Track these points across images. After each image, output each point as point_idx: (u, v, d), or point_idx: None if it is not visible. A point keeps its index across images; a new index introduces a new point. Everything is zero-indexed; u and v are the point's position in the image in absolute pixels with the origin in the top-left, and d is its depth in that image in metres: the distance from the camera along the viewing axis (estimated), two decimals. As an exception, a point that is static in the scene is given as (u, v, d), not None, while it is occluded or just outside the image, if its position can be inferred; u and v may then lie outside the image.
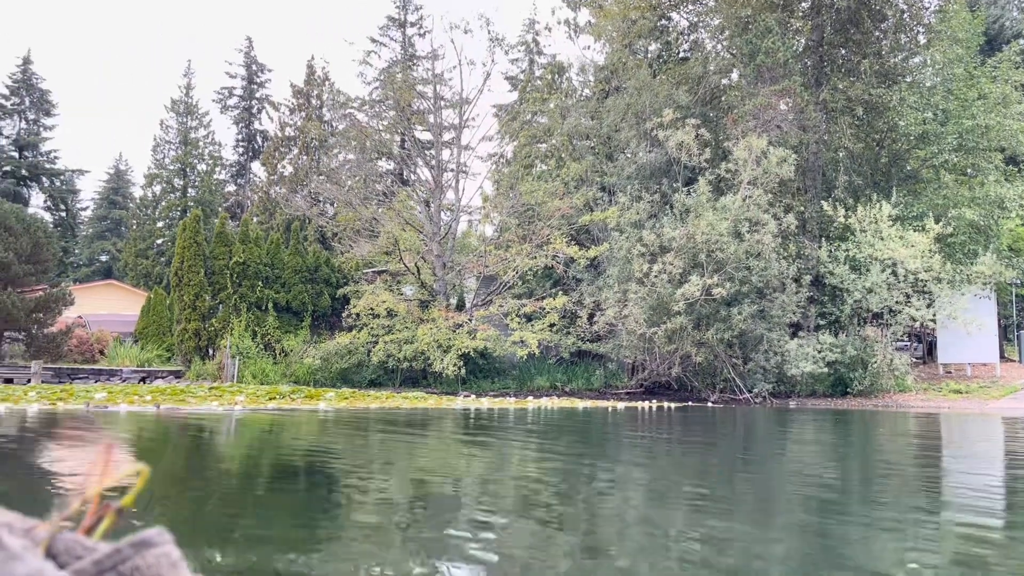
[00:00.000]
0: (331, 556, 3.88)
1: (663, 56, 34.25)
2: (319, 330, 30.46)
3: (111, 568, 0.78)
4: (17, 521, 0.80)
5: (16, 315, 27.99)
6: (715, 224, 25.48)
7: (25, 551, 0.74)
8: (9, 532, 0.77)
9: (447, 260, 29.95)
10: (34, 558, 0.74)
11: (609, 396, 26.58)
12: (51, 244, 30.24)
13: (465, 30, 30.24)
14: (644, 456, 10.03)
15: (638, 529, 5.03)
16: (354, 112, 39.37)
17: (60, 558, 0.79)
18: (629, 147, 29.41)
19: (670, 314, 25.13)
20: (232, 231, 31.10)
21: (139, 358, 31.31)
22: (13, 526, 0.79)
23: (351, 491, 6.42)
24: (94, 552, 0.80)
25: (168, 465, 7.75)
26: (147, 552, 0.79)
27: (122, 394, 16.53)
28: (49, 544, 0.80)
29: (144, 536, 0.81)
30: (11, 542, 0.73)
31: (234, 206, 58.45)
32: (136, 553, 0.79)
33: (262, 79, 63.57)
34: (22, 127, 64.98)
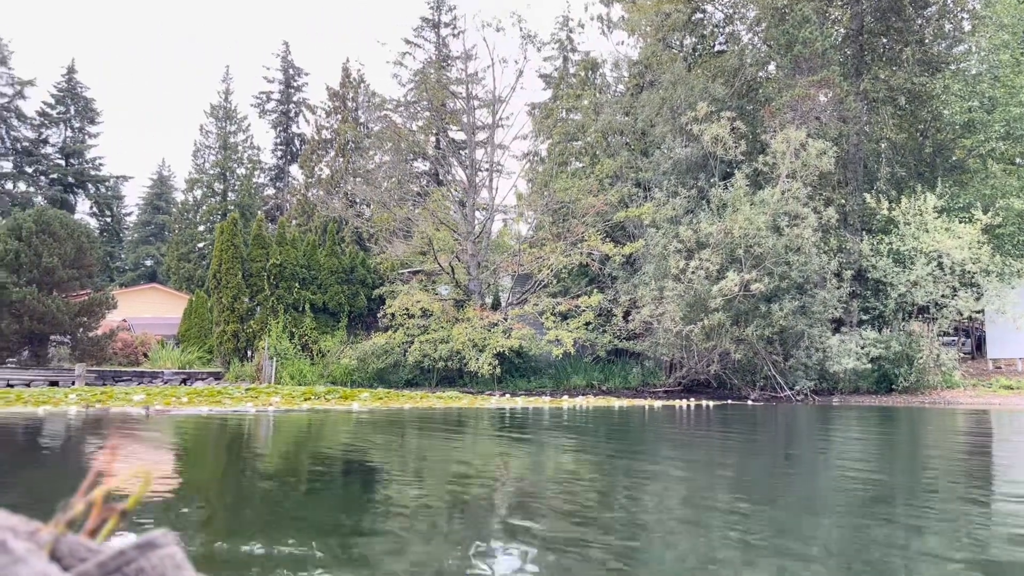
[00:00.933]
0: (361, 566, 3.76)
1: (698, 49, 33.80)
2: (355, 331, 30.59)
3: (115, 570, 0.78)
4: (21, 524, 0.80)
5: (61, 319, 28.57)
6: (753, 219, 25.02)
7: (29, 554, 0.73)
8: (13, 535, 0.76)
9: (482, 259, 29.88)
10: (39, 561, 0.74)
11: (646, 395, 26.25)
12: (94, 249, 30.81)
13: (497, 28, 30.12)
14: (682, 456, 9.80)
15: (679, 537, 4.84)
16: (389, 113, 39.56)
17: (64, 561, 0.79)
18: (664, 142, 29.03)
19: (707, 311, 24.73)
20: (269, 233, 31.38)
21: (180, 360, 31.77)
22: (17, 529, 0.79)
23: (375, 493, 6.32)
24: (98, 554, 0.80)
25: (187, 467, 7.73)
26: (152, 554, 0.79)
27: (159, 396, 16.71)
28: (53, 547, 0.80)
29: (148, 538, 0.80)
30: (15, 545, 0.73)
31: (273, 209, 59.10)
32: (141, 555, 0.79)
33: (299, 83, 64.18)
34: (68, 135, 66.49)
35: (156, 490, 5.62)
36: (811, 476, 7.99)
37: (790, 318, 25.28)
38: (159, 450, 8.72)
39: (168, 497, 5.52)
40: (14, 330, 27.91)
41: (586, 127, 32.34)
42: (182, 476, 6.92)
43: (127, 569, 0.78)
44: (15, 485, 6.31)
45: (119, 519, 0.87)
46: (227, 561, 3.71)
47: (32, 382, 26.06)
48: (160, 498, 5.35)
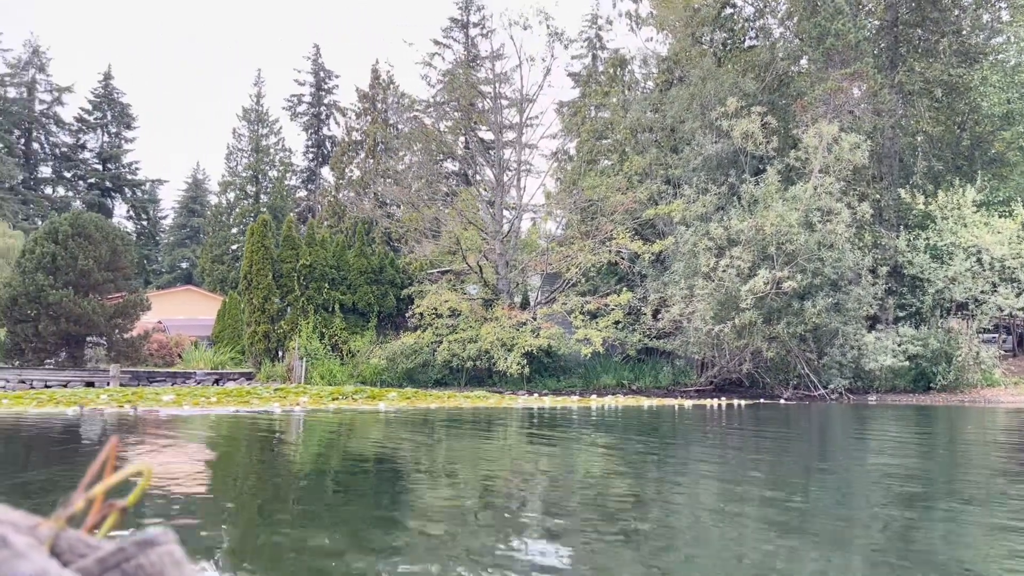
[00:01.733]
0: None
1: (727, 45, 33.39)
2: (385, 330, 30.67)
3: (115, 566, 0.78)
4: (21, 519, 0.80)
5: (97, 320, 28.98)
6: (785, 215, 24.62)
7: (30, 549, 0.74)
8: (14, 530, 0.76)
9: (510, 258, 29.78)
10: (39, 556, 0.74)
11: (677, 394, 25.96)
12: (128, 251, 31.21)
13: (524, 26, 29.97)
14: (712, 456, 9.61)
15: (712, 536, 4.69)
16: (419, 114, 39.65)
17: (64, 556, 0.79)
18: (694, 138, 28.70)
19: (739, 309, 24.39)
20: (299, 234, 31.59)
21: (213, 361, 32.09)
22: (18, 524, 0.79)
23: (387, 494, 6.24)
24: (98, 550, 0.80)
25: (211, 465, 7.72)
26: (151, 550, 0.79)
27: (189, 396, 16.85)
28: (53, 542, 0.80)
29: (148, 534, 0.80)
30: (16, 540, 0.73)
31: (305, 211, 59.57)
32: (140, 551, 0.78)
33: (330, 85, 64.62)
34: (105, 140, 67.69)
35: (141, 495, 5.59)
36: (847, 477, 7.76)
37: (823, 315, 24.84)
38: (155, 453, 8.74)
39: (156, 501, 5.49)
40: (51, 332, 28.36)
41: (615, 124, 32.09)
42: (177, 476, 6.90)
43: (126, 565, 0.78)
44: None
45: (119, 515, 0.86)
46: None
47: (69, 383, 26.47)
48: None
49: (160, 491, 5.61)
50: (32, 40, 65.20)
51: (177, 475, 6.61)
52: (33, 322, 28.26)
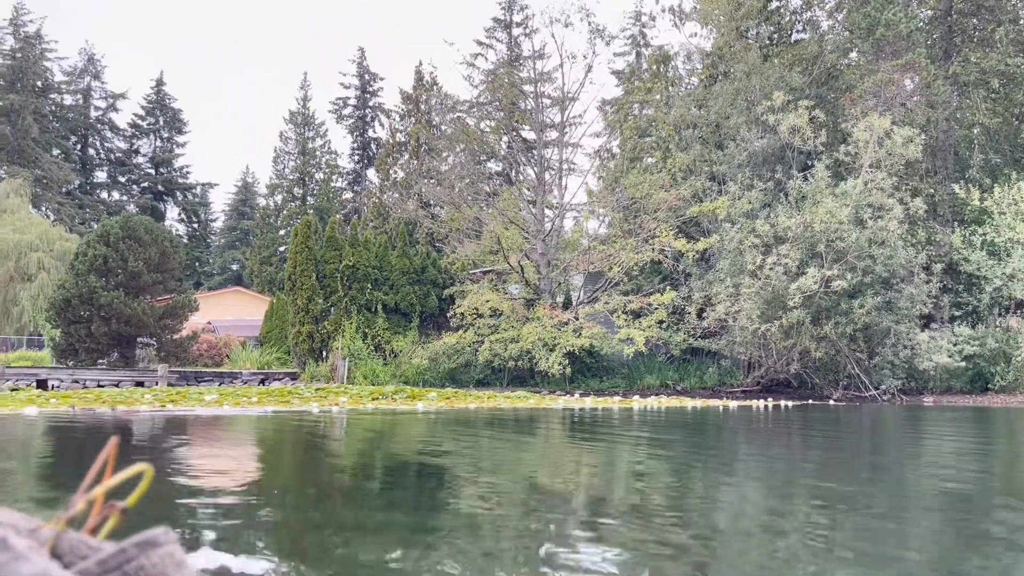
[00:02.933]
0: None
1: (773, 39, 32.73)
2: (427, 330, 30.71)
3: (116, 568, 0.77)
4: (22, 522, 0.81)
5: (146, 321, 29.54)
6: (834, 211, 24.00)
7: (31, 551, 0.74)
8: (15, 533, 0.76)
9: (552, 258, 29.58)
10: (40, 558, 0.74)
11: (723, 395, 25.47)
12: (177, 253, 31.77)
13: (565, 24, 29.74)
14: (754, 459, 9.30)
15: (757, 542, 4.46)
16: (462, 115, 39.70)
17: (65, 558, 0.80)
18: (739, 134, 28.15)
19: (786, 308, 23.83)
20: (342, 235, 31.81)
21: (259, 361, 32.50)
22: (19, 527, 0.80)
23: (400, 497, 6.11)
24: (99, 552, 0.80)
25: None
26: (152, 552, 0.79)
27: (231, 396, 17.00)
28: (54, 544, 0.80)
29: (149, 536, 0.80)
30: (17, 543, 0.73)
31: (351, 212, 60.14)
32: (141, 553, 0.78)
33: (375, 88, 65.21)
34: (157, 145, 69.33)
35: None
36: (901, 484, 7.41)
37: (874, 314, 24.15)
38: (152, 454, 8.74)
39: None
40: (103, 332, 28.99)
41: (658, 121, 31.67)
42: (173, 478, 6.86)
43: (128, 567, 0.77)
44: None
45: (120, 517, 0.86)
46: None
47: (120, 383, 27.03)
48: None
49: (168, 492, 5.55)
50: (87, 48, 67.11)
51: (190, 475, 6.57)
52: (86, 323, 28.91)
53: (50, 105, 62.36)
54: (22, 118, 56.71)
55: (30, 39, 59.95)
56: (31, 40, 59.95)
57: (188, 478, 6.48)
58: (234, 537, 4.19)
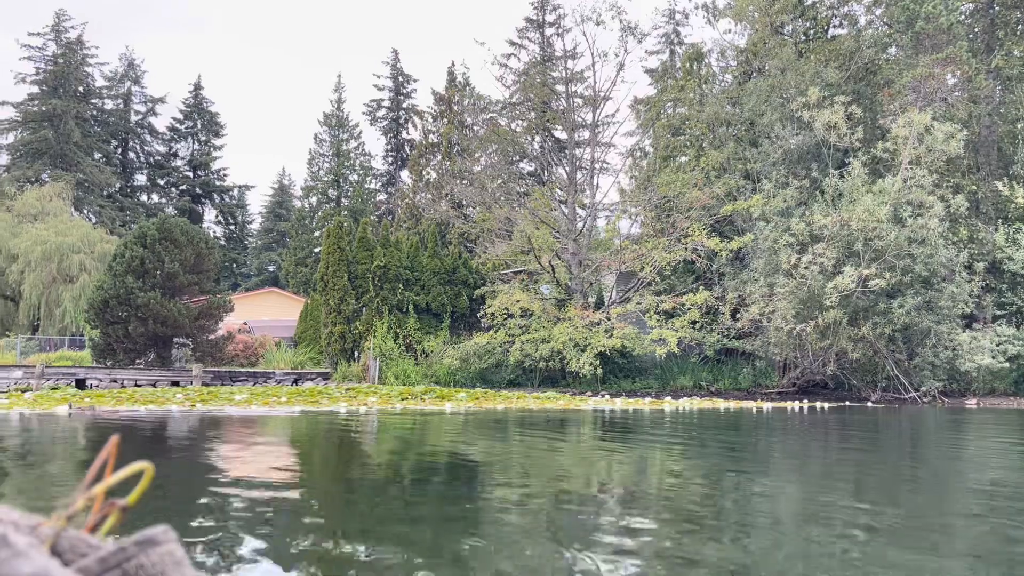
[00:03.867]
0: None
1: (809, 34, 32.14)
2: (458, 331, 30.68)
3: (116, 566, 0.78)
4: (22, 519, 0.81)
5: (182, 322, 29.89)
6: (872, 209, 23.48)
7: (30, 549, 0.74)
8: (15, 530, 0.76)
9: (583, 258, 29.36)
10: (39, 556, 0.74)
11: (758, 396, 25.06)
12: (212, 254, 32.10)
13: (597, 21, 29.50)
14: (786, 462, 9.05)
15: (790, 549, 4.30)
16: (495, 116, 39.62)
17: (65, 556, 0.80)
18: (773, 131, 27.69)
19: (822, 308, 23.37)
20: (374, 236, 31.92)
21: (292, 361, 32.73)
22: (19, 524, 0.80)
23: (407, 506, 6.00)
24: (99, 550, 0.80)
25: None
26: (151, 550, 0.79)
27: (261, 396, 17.09)
28: (54, 542, 0.80)
29: (148, 534, 0.80)
30: (16, 540, 0.73)
31: (385, 214, 60.41)
32: (140, 551, 0.79)
33: (408, 89, 65.42)
34: (195, 148, 70.28)
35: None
36: (942, 492, 7.14)
37: (914, 314, 23.58)
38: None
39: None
40: (140, 333, 29.39)
41: (691, 119, 31.28)
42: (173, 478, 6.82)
43: (127, 565, 0.77)
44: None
45: (120, 515, 0.85)
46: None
47: (157, 382, 27.40)
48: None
49: (178, 494, 5.51)
50: (127, 53, 68.25)
51: (198, 477, 6.54)
52: (123, 323, 29.33)
53: (91, 110, 63.52)
54: (64, 123, 57.85)
55: (71, 45, 61.15)
56: (72, 46, 61.14)
57: (188, 478, 6.45)
58: (220, 543, 4.11)
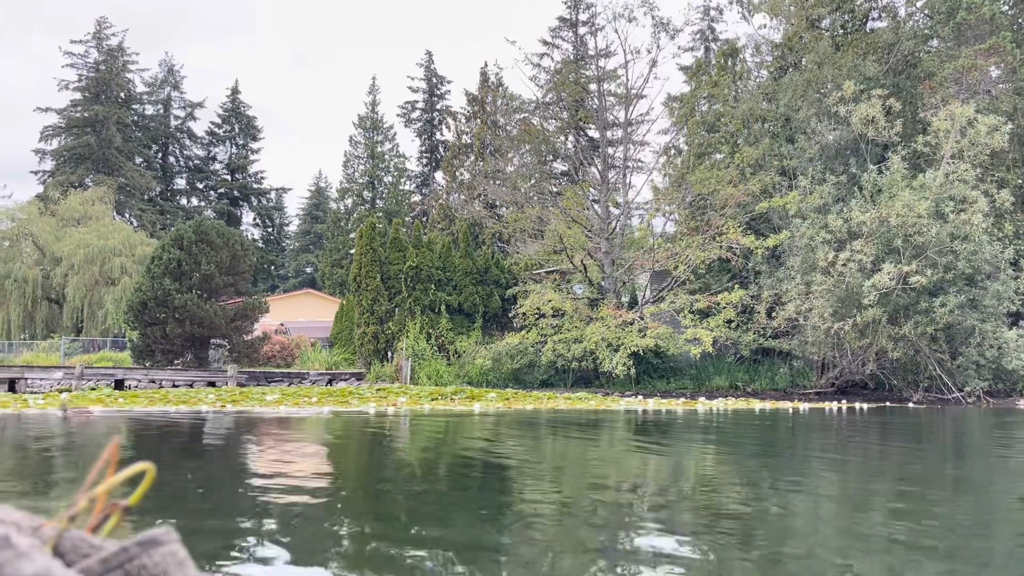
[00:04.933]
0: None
1: (847, 27, 31.47)
2: (490, 331, 30.60)
3: (118, 566, 0.78)
4: (25, 520, 0.81)
5: (218, 323, 30.22)
6: (912, 205, 22.89)
7: (33, 549, 0.74)
8: (17, 531, 0.77)
9: (616, 256, 29.08)
10: (42, 556, 0.75)
11: (795, 396, 24.57)
12: (247, 256, 32.43)
13: (629, 18, 29.21)
14: (824, 469, 8.77)
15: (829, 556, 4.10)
16: (528, 116, 39.48)
17: (67, 556, 0.80)
18: (810, 126, 27.14)
19: (860, 306, 22.84)
20: (406, 237, 31.96)
21: (327, 361, 32.93)
22: (21, 525, 0.80)
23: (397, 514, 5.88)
24: (101, 550, 0.80)
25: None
26: (154, 551, 0.79)
27: (292, 396, 17.16)
28: (56, 542, 0.80)
29: (151, 535, 0.80)
30: (19, 541, 0.73)
31: (420, 215, 60.62)
32: (143, 551, 0.79)
33: (442, 91, 65.57)
34: (233, 152, 71.21)
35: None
36: (987, 495, 6.84)
37: (957, 313, 22.94)
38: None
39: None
40: (178, 334, 29.78)
41: (725, 116, 30.82)
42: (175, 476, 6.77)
43: (129, 566, 0.78)
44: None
45: (122, 515, 0.85)
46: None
47: (194, 383, 27.73)
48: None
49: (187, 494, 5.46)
50: (167, 59, 69.42)
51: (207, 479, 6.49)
52: (161, 325, 29.74)
53: (132, 115, 64.69)
54: (106, 128, 58.99)
55: (113, 52, 62.34)
56: (113, 53, 62.33)
57: (187, 478, 6.40)
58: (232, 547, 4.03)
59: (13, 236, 47.51)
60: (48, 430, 10.56)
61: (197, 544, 3.75)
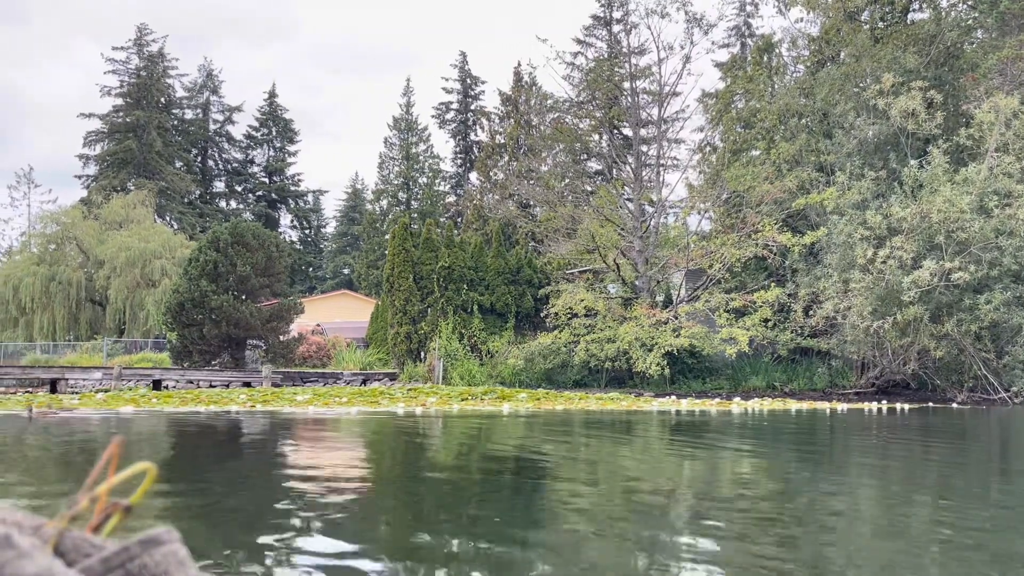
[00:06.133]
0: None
1: (886, 18, 30.76)
2: (523, 331, 30.47)
3: (119, 566, 0.78)
4: (25, 520, 0.81)
5: (254, 324, 30.49)
6: (954, 199, 22.28)
7: (34, 549, 0.74)
8: (18, 531, 0.76)
9: (650, 255, 28.76)
10: (43, 556, 0.75)
11: (834, 397, 24.05)
12: (282, 257, 32.68)
13: (662, 14, 28.89)
14: (858, 468, 8.49)
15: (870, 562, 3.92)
16: (562, 115, 39.31)
17: (68, 556, 0.80)
18: (847, 120, 26.56)
19: (901, 304, 22.28)
20: (438, 237, 31.97)
21: (361, 362, 33.07)
22: (22, 525, 0.80)
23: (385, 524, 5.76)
24: (102, 550, 0.80)
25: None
26: (155, 550, 0.79)
27: (323, 396, 17.21)
28: (57, 542, 0.80)
29: (152, 534, 0.80)
30: (20, 541, 0.73)
31: (454, 216, 60.73)
32: (144, 551, 0.79)
33: (476, 91, 65.61)
34: (270, 155, 72.08)
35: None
36: None
37: (1003, 310, 22.25)
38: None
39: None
40: (214, 335, 30.11)
41: (761, 111, 30.32)
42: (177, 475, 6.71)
43: (130, 565, 0.77)
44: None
45: (123, 515, 0.85)
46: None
47: (230, 383, 28.04)
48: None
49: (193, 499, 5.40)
50: (206, 64, 70.45)
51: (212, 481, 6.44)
52: (198, 326, 30.09)
53: (172, 120, 65.78)
54: (147, 133, 60.04)
55: (153, 58, 63.44)
56: (154, 59, 63.42)
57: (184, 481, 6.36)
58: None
59: (58, 239, 48.60)
60: (5, 431, 10.69)
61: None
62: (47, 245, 48.47)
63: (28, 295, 44.81)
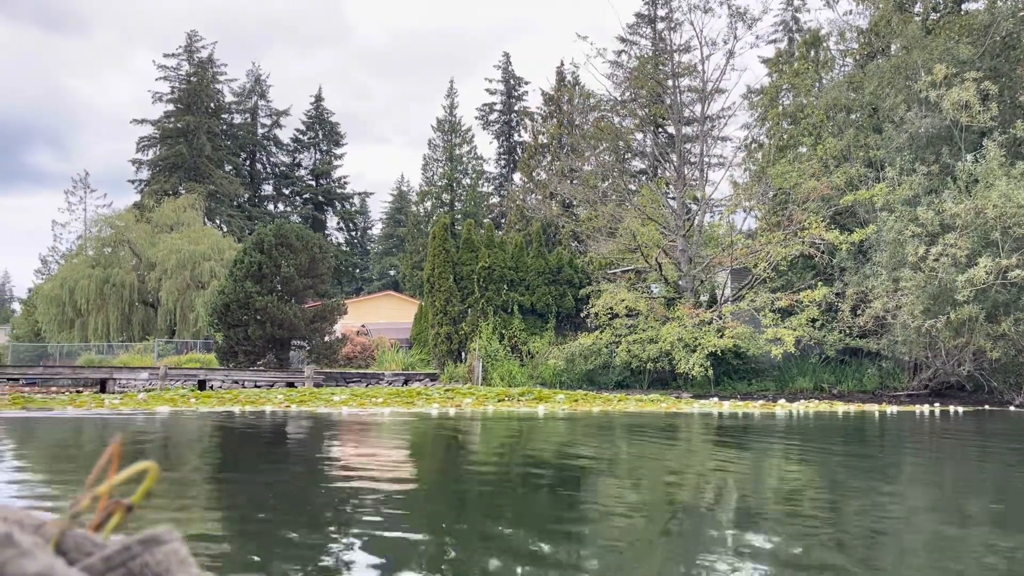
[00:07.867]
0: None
1: (938, 8, 29.80)
2: (563, 331, 30.24)
3: (120, 565, 0.79)
4: (27, 518, 0.82)
5: (297, 325, 30.81)
6: (1011, 194, 21.44)
7: (35, 548, 0.75)
8: (20, 529, 0.77)
9: (693, 254, 28.29)
10: (44, 554, 0.75)
11: (884, 399, 23.33)
12: (326, 259, 32.97)
13: (705, 9, 28.43)
14: (905, 472, 8.12)
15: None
16: (606, 114, 38.98)
17: (70, 555, 0.80)
18: (897, 114, 25.77)
19: (954, 303, 21.50)
20: (478, 237, 31.92)
21: (403, 362, 33.18)
22: (24, 523, 0.80)
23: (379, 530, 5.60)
24: (104, 549, 0.81)
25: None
26: (156, 549, 0.80)
27: (360, 396, 17.22)
28: (59, 541, 0.81)
29: (153, 533, 0.81)
30: (22, 539, 0.74)
31: (498, 217, 60.67)
32: (145, 550, 0.80)
33: (520, 92, 65.52)
34: (317, 158, 72.98)
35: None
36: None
37: (1063, 310, 21.36)
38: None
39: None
40: (259, 336, 30.50)
41: (808, 106, 29.62)
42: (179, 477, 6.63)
43: (132, 564, 0.78)
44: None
45: (125, 514, 0.86)
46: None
47: (274, 383, 28.35)
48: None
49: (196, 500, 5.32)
50: (254, 69, 71.61)
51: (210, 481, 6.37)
52: (243, 327, 30.50)
53: (221, 125, 66.98)
54: (197, 138, 61.23)
55: (203, 64, 64.67)
56: (204, 65, 64.64)
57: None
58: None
59: (112, 243, 49.83)
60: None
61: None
62: (102, 248, 49.72)
63: (84, 297, 45.99)
